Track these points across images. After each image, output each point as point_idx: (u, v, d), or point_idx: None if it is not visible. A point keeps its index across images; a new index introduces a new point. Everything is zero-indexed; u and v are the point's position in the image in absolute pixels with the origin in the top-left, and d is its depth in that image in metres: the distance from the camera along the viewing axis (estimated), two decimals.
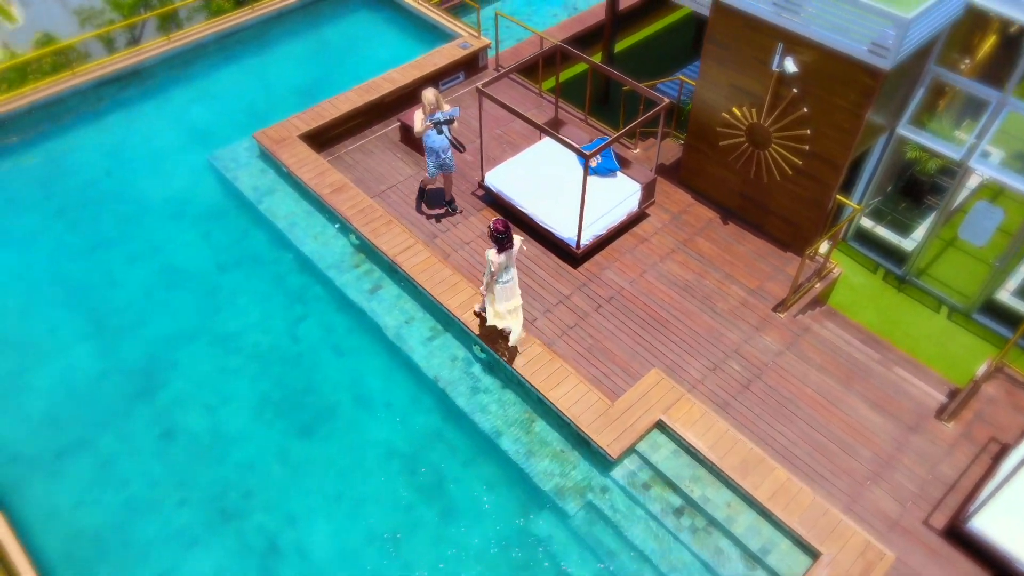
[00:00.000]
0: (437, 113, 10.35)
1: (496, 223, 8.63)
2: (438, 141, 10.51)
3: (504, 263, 8.75)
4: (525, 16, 16.48)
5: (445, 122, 10.31)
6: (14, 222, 11.89)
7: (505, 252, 8.72)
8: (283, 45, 15.01)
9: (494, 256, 8.67)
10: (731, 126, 10.94)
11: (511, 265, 8.87)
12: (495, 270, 8.75)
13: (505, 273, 8.86)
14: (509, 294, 9.04)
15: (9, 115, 12.83)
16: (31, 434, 9.55)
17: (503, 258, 8.70)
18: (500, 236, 8.61)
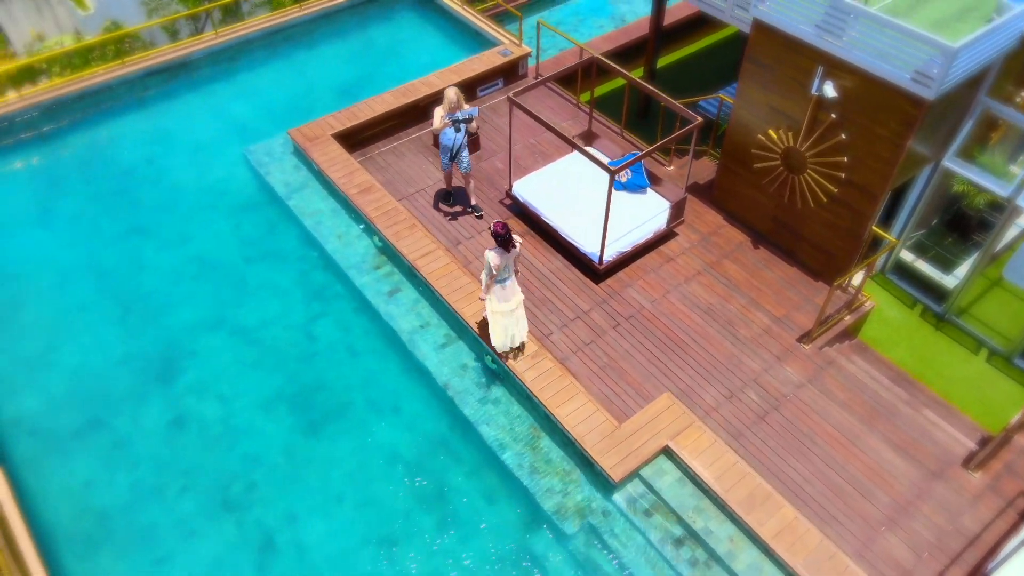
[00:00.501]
0: (457, 112, 10.38)
1: (496, 224, 8.64)
2: (454, 139, 10.58)
3: (503, 264, 8.75)
4: (571, 27, 16.37)
5: (463, 120, 10.41)
6: (55, 204, 12.26)
7: (505, 254, 8.71)
8: (329, 44, 15.19)
9: (493, 258, 8.68)
10: (767, 148, 10.64)
11: (510, 265, 8.88)
12: (494, 271, 8.76)
13: (504, 272, 8.85)
14: (508, 295, 9.03)
15: (61, 99, 13.25)
16: (51, 411, 9.80)
17: (502, 259, 8.70)
18: (499, 238, 8.60)
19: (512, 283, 9.05)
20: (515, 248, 8.82)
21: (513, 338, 9.35)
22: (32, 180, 12.64)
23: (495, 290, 8.99)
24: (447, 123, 10.48)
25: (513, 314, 9.18)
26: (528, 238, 11.47)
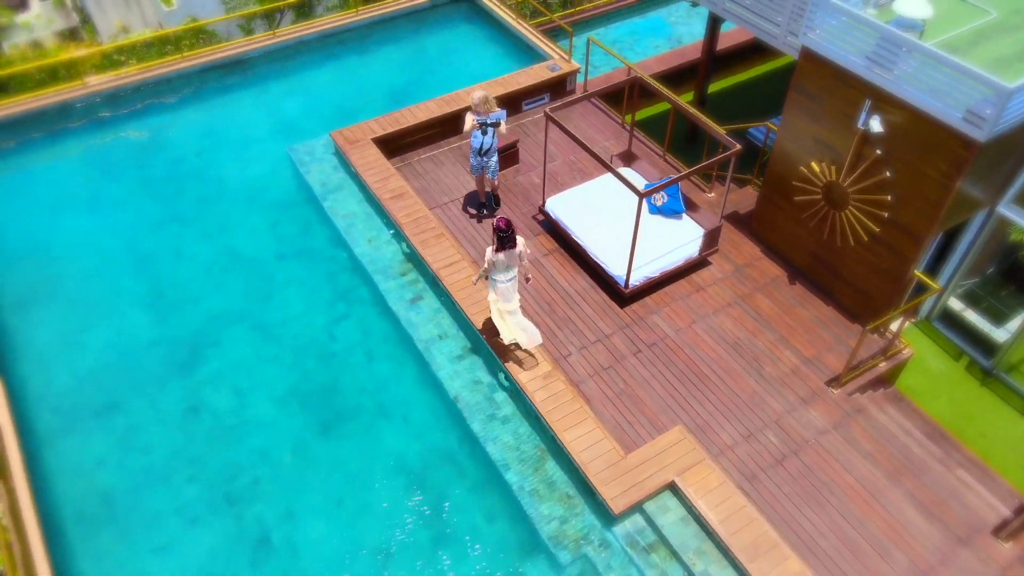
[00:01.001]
0: (487, 115, 10.52)
1: (499, 221, 8.57)
2: (481, 141, 10.66)
3: (505, 262, 8.70)
4: (626, 46, 16.20)
5: (491, 124, 10.45)
6: (104, 189, 12.67)
7: (505, 252, 8.63)
8: (382, 49, 15.35)
9: (491, 254, 8.65)
10: (808, 181, 10.24)
11: (513, 265, 8.81)
12: (487, 266, 8.76)
13: (506, 272, 8.81)
14: (508, 295, 8.97)
15: (122, 89, 13.73)
16: (75, 390, 10.06)
17: (502, 257, 8.64)
18: (501, 234, 8.54)
19: (514, 285, 8.97)
20: (515, 247, 8.72)
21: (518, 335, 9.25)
22: (87, 165, 13.10)
23: (498, 289, 8.94)
24: (475, 125, 10.56)
25: (513, 314, 9.11)
26: (557, 256, 11.31)
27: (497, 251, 8.64)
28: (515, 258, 8.77)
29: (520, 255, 8.86)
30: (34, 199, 12.50)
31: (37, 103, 13.23)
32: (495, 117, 10.57)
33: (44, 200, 12.51)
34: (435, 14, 16.03)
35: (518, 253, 8.79)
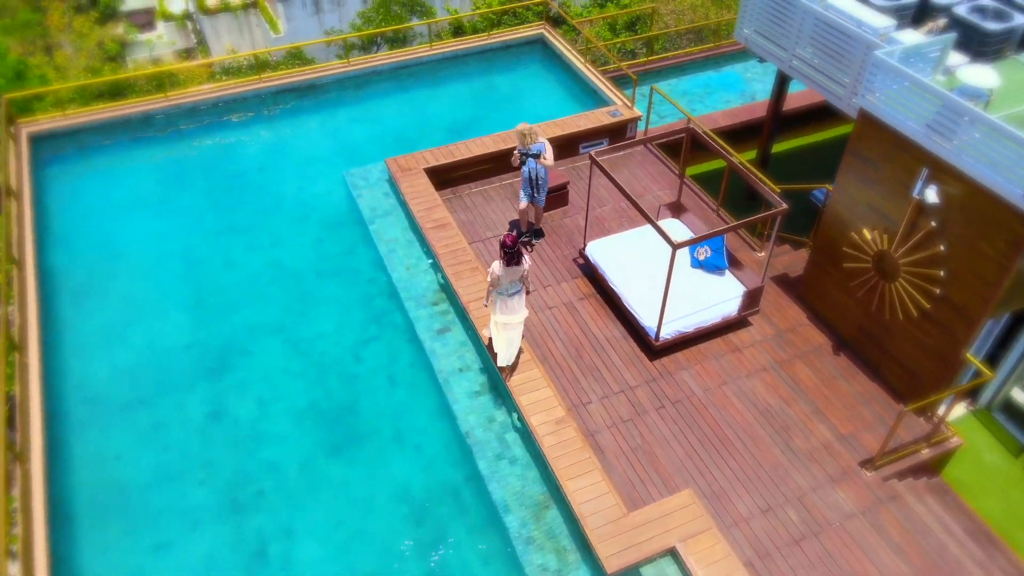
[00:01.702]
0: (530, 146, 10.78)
1: (506, 237, 8.71)
2: (527, 171, 10.94)
3: (508, 277, 8.85)
4: (696, 98, 16.01)
5: (532, 155, 10.70)
6: (172, 195, 13.29)
7: (509, 268, 8.77)
8: (451, 84, 15.69)
9: (496, 268, 8.81)
10: (859, 249, 9.75)
11: (516, 281, 8.95)
12: (492, 280, 8.92)
13: (510, 287, 8.96)
14: (508, 309, 9.07)
15: (202, 103, 14.47)
16: (110, 382, 10.44)
17: (505, 272, 8.79)
18: (507, 250, 8.67)
19: (519, 299, 9.09)
20: (521, 265, 8.84)
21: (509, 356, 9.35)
22: (160, 171, 13.80)
23: (499, 302, 9.05)
24: (516, 156, 10.85)
25: (511, 328, 9.17)
26: (592, 301, 11.11)
27: (505, 265, 8.80)
28: (518, 274, 8.92)
29: (524, 275, 9.04)
30: (110, 198, 13.23)
31: (123, 111, 14.08)
32: (535, 148, 10.74)
33: (118, 200, 13.21)
34: (508, 54, 16.29)
35: (524, 270, 8.96)
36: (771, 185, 11.21)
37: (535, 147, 10.78)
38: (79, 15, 34.44)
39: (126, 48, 38.38)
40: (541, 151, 10.82)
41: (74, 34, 33.57)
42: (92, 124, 13.87)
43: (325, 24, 36.86)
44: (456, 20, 29.42)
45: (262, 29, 37.91)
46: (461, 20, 29.99)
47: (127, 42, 38.14)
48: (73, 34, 33.54)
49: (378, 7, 31.07)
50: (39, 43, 31.80)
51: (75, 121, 13.79)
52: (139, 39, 39.55)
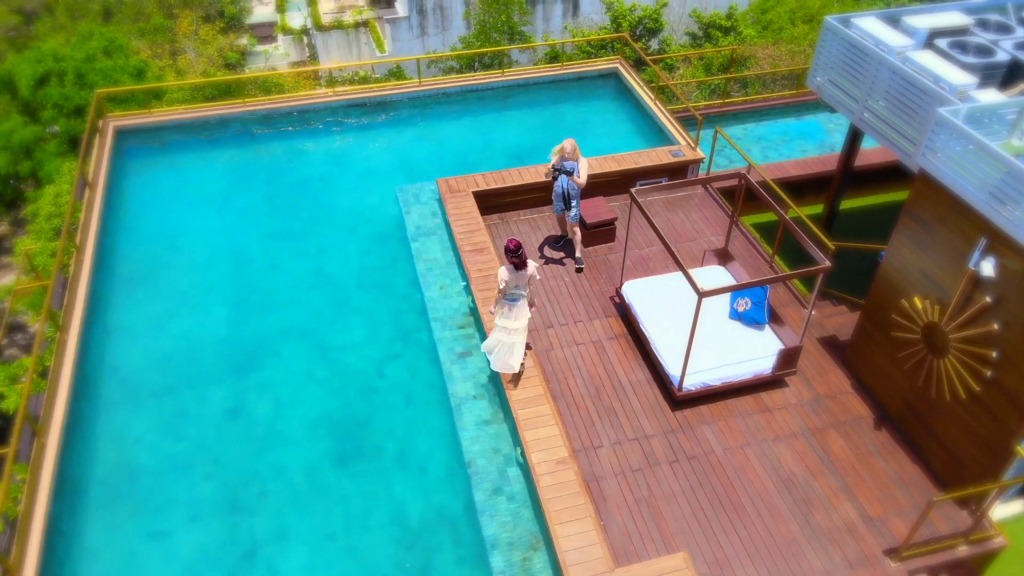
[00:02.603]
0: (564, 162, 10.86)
1: (509, 242, 8.80)
2: (558, 186, 11.07)
3: (514, 282, 8.92)
4: (770, 145, 15.43)
5: (565, 172, 10.84)
6: (235, 196, 13.81)
7: (515, 272, 8.85)
8: (519, 110, 15.71)
9: (503, 273, 8.91)
10: (908, 318, 9.03)
11: (522, 285, 9.00)
12: (503, 287, 8.95)
13: (515, 291, 9.02)
14: (512, 314, 9.09)
15: (276, 111, 15.04)
16: (144, 368, 10.84)
17: (511, 277, 8.88)
18: (509, 254, 8.77)
19: (522, 304, 9.12)
20: (526, 269, 8.89)
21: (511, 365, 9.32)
22: (229, 172, 14.40)
23: (504, 306, 9.12)
24: (549, 169, 11.01)
25: (514, 333, 9.13)
26: (621, 341, 10.75)
27: (510, 270, 8.88)
28: (523, 279, 8.96)
29: (531, 277, 9.06)
30: (179, 193, 13.89)
31: (203, 113, 14.80)
32: (568, 166, 10.85)
33: (186, 195, 13.85)
34: (580, 85, 16.20)
35: (528, 275, 8.99)
36: (826, 242, 10.61)
37: (568, 164, 10.87)
38: (206, 24, 36.75)
39: (246, 57, 40.70)
40: (574, 169, 10.88)
41: (198, 41, 35.84)
42: (173, 122, 14.64)
43: (428, 47, 37.98)
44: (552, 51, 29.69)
45: (369, 47, 39.43)
46: (556, 50, 30.29)
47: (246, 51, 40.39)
48: (197, 41, 35.81)
49: (478, 33, 31.79)
50: (166, 47, 34.04)
51: (158, 119, 14.60)
52: (257, 49, 41.89)
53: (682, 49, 31.14)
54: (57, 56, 22.71)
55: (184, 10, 37.10)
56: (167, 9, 36.79)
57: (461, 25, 37.41)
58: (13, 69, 21.76)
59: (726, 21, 30.56)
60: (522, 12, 32.33)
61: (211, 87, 20.57)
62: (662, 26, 32.01)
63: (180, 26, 35.88)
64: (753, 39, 29.24)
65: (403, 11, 38.02)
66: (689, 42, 32.18)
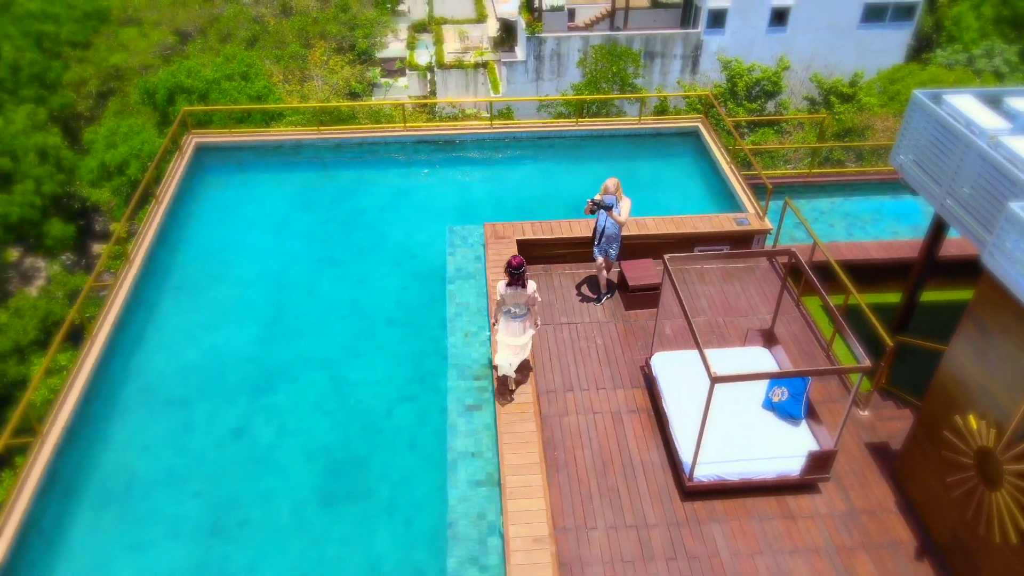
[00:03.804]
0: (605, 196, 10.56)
1: (513, 258, 8.70)
2: (596, 223, 10.90)
3: (512, 299, 8.87)
4: (857, 222, 14.24)
5: (605, 207, 10.53)
6: (293, 218, 14.08)
7: (512, 288, 8.77)
8: (590, 162, 15.27)
9: (500, 287, 8.86)
10: (961, 437, 7.81)
11: (521, 304, 8.93)
12: (498, 300, 8.97)
13: (516, 310, 8.97)
14: (511, 331, 9.06)
15: (348, 140, 15.33)
16: (166, 377, 11.03)
17: (508, 292, 8.80)
18: (513, 271, 8.66)
19: (524, 323, 9.06)
20: (525, 288, 8.78)
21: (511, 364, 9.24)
22: (294, 195, 14.73)
23: (504, 321, 9.10)
24: (589, 203, 10.58)
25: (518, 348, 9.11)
26: (641, 416, 9.97)
27: (508, 285, 8.79)
28: (522, 298, 8.87)
29: (530, 299, 8.93)
30: (241, 211, 14.32)
31: (279, 137, 15.28)
32: (608, 201, 10.51)
33: (247, 214, 14.26)
34: (657, 141, 15.61)
35: (527, 295, 8.86)
36: (884, 336, 9.51)
37: (607, 199, 10.52)
38: (337, 55, 38.74)
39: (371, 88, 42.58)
40: (612, 204, 10.52)
41: (327, 70, 37.81)
42: (251, 144, 15.20)
43: (541, 91, 38.39)
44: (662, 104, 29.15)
45: (485, 88, 40.34)
46: (667, 104, 29.74)
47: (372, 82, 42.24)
48: (326, 70, 37.78)
49: (587, 82, 31.76)
50: (297, 74, 36.07)
51: (238, 139, 15.19)
52: (379, 81, 43.78)
53: (769, 114, 29.81)
54: (190, 73, 24.46)
55: (320, 41, 39.26)
56: (305, 39, 39.05)
57: (576, 73, 37.57)
58: (155, 83, 23.63)
59: (848, 88, 29.11)
60: (636, 64, 32.03)
61: (325, 113, 21.42)
62: (781, 89, 30.89)
63: (313, 55, 37.94)
64: (874, 109, 27.63)
65: (522, 55, 38.67)
66: (807, 107, 30.86)
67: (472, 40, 44.86)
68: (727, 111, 30.99)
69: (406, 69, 44.03)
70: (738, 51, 34.14)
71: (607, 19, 38.78)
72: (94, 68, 31.85)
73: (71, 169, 27.60)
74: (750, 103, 30.46)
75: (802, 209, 14.51)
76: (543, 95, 37.28)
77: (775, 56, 31.95)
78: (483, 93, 40.33)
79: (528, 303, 9.03)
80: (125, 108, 28.05)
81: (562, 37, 37.01)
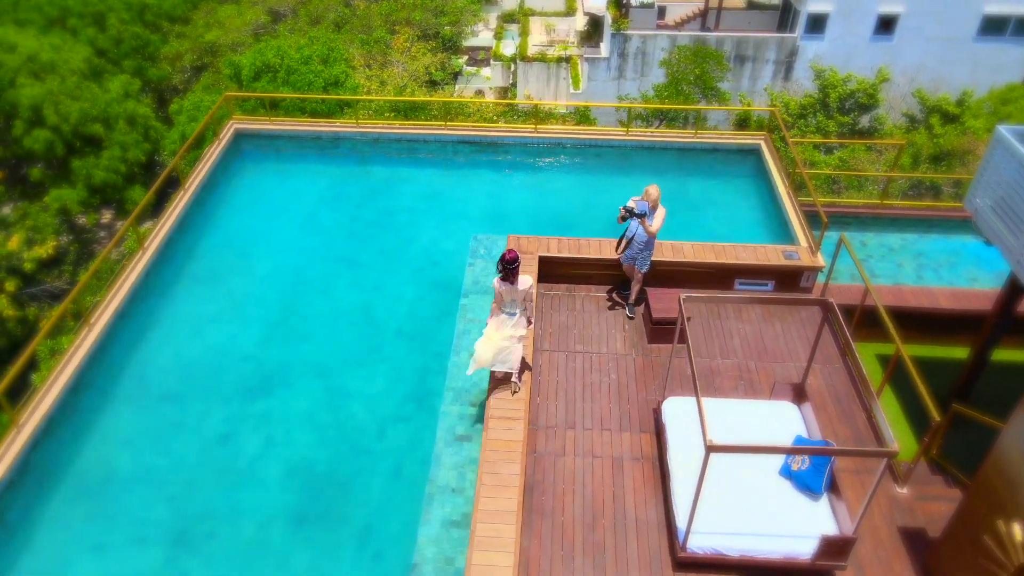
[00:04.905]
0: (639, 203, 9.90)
1: (507, 251, 8.42)
2: (626, 229, 10.25)
3: (506, 295, 8.60)
4: (934, 265, 12.73)
5: (637, 215, 9.85)
6: (321, 214, 13.69)
7: (506, 284, 8.50)
8: (637, 175, 14.21)
9: (497, 283, 8.60)
10: (1001, 546, 6.56)
11: (515, 300, 8.68)
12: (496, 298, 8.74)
13: (510, 306, 8.70)
14: (501, 324, 8.75)
15: (386, 136, 14.80)
16: (165, 370, 10.79)
17: (503, 289, 8.56)
18: (506, 266, 8.35)
19: (517, 320, 8.74)
20: (518, 284, 8.48)
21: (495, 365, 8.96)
22: (325, 189, 14.34)
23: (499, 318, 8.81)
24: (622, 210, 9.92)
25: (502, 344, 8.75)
26: (645, 465, 9.03)
27: (501, 280, 8.51)
28: (516, 294, 8.60)
29: (524, 295, 8.63)
30: (270, 201, 14.05)
31: (318, 128, 14.90)
32: (640, 208, 9.83)
33: (276, 205, 13.96)
34: (713, 158, 14.42)
35: (521, 292, 8.58)
36: (930, 406, 8.23)
37: (640, 206, 9.87)
38: (420, 42, 38.59)
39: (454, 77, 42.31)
40: (644, 211, 9.84)
41: (408, 57, 37.71)
42: (289, 133, 14.87)
43: (622, 90, 37.15)
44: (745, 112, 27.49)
45: (565, 83, 39.44)
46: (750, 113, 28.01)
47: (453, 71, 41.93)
48: (408, 57, 37.69)
49: (668, 84, 30.37)
50: (379, 59, 36.10)
51: (278, 127, 14.91)
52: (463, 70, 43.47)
53: (862, 129, 27.64)
54: (278, 52, 24.67)
55: (405, 27, 39.18)
56: (391, 25, 39.05)
57: (659, 73, 36.17)
58: (241, 61, 23.97)
59: (954, 108, 26.72)
60: (720, 67, 30.40)
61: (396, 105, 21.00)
62: (878, 102, 28.71)
63: (396, 41, 37.87)
64: (979, 133, 25.19)
65: (605, 52, 37.56)
66: (906, 124, 28.56)
67: (558, 33, 43.95)
68: (816, 123, 29.02)
69: (490, 59, 43.57)
70: (836, 59, 31.99)
71: (698, 18, 37.14)
72: (190, 43, 32.77)
73: (156, 140, 28.43)
74: (842, 115, 28.42)
75: (870, 245, 13.11)
76: (624, 94, 36.04)
77: (875, 67, 29.71)
78: (564, 88, 39.43)
79: (521, 299, 8.69)
80: (216, 83, 28.76)
81: (648, 35, 35.63)
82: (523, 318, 8.89)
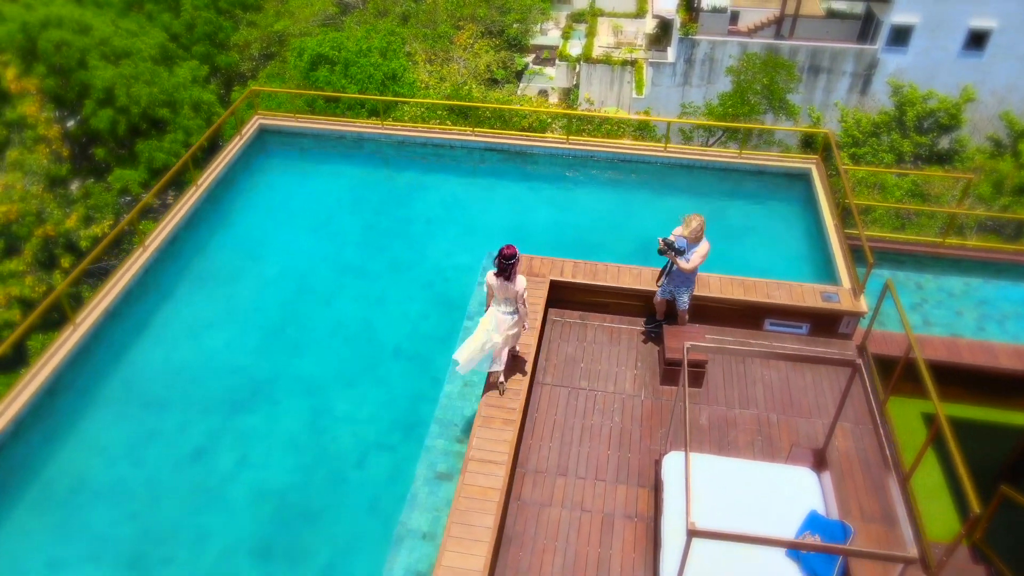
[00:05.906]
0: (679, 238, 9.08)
1: (506, 247, 8.02)
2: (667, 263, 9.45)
3: (500, 293, 8.22)
4: (999, 317, 11.41)
5: (675, 250, 9.06)
6: (336, 218, 13.14)
7: (500, 280, 8.11)
8: (673, 196, 13.21)
9: (489, 276, 8.26)
10: None
11: (510, 299, 8.28)
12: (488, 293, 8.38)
13: (504, 305, 8.29)
14: (497, 324, 8.30)
15: (410, 139, 14.17)
16: (152, 375, 10.38)
17: (496, 284, 8.19)
18: (503, 261, 7.94)
19: (511, 321, 8.33)
20: (511, 282, 8.08)
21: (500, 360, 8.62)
22: (344, 192, 13.81)
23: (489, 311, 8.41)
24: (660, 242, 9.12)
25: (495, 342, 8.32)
26: (639, 525, 8.11)
27: (496, 276, 8.14)
28: (509, 292, 8.19)
29: (517, 295, 8.21)
30: (286, 202, 13.59)
31: (342, 127, 14.38)
32: (679, 243, 9.07)
33: (291, 206, 13.49)
34: (758, 181, 13.26)
35: (515, 291, 8.17)
36: (968, 489, 7.07)
37: (679, 241, 9.09)
38: (483, 39, 38.02)
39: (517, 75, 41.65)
40: (683, 249, 9.08)
41: (471, 54, 37.19)
42: (313, 131, 14.39)
43: (685, 97, 35.79)
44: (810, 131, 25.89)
45: (629, 87, 38.28)
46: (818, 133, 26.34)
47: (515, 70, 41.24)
48: (470, 53, 37.17)
49: (734, 92, 28.94)
50: (441, 54, 35.72)
51: (302, 124, 14.44)
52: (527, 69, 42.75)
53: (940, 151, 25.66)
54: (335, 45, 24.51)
55: (470, 24, 38.68)
56: (456, 20, 38.63)
57: (727, 81, 34.73)
58: (301, 49, 24.00)
59: None
60: (791, 78, 28.81)
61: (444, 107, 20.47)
62: (960, 123, 26.69)
63: (459, 37, 37.41)
64: None
65: (672, 57, 36.30)
66: (991, 148, 26.43)
67: (626, 35, 42.77)
68: (889, 141, 27.15)
69: (555, 59, 42.72)
70: (919, 74, 29.96)
71: (773, 25, 35.44)
72: (259, 31, 33.07)
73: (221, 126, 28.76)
74: (919, 136, 26.51)
75: (927, 289, 11.79)
76: (689, 101, 34.70)
77: (960, 85, 27.63)
78: (627, 92, 38.29)
79: (515, 300, 8.26)
80: (281, 72, 28.92)
81: (717, 41, 34.18)
82: (522, 319, 8.50)
